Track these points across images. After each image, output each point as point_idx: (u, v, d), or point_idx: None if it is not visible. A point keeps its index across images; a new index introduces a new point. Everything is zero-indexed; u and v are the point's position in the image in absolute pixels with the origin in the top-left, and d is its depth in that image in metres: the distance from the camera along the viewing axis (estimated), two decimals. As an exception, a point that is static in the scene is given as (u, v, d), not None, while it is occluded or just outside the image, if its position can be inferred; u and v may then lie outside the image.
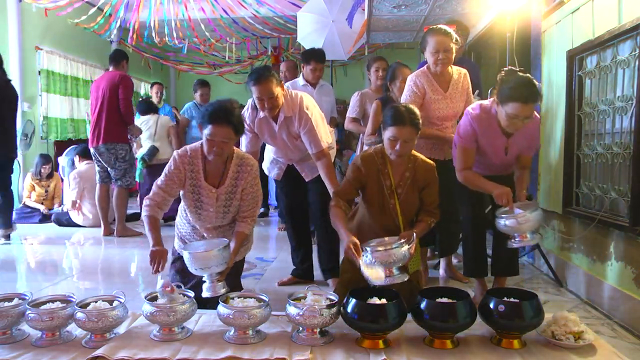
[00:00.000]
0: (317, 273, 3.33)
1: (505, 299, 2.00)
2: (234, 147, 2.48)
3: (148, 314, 2.02)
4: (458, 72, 3.10)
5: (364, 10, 5.22)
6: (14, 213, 5.83)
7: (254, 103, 2.91)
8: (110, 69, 5.14)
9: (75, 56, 8.15)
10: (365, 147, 3.48)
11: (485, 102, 2.67)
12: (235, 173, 2.44)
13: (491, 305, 1.97)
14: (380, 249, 2.20)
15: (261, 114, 2.92)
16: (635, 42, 2.53)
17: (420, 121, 2.44)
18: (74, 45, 8.12)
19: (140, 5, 7.25)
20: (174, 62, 9.80)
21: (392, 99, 3.63)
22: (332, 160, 3.10)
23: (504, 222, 2.46)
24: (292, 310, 1.99)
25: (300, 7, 6.28)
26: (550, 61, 3.52)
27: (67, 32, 7.81)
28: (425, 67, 3.08)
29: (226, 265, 2.27)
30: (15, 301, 2.08)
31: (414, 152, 2.55)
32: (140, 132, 5.45)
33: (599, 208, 2.85)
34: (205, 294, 2.22)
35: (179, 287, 2.19)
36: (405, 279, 2.21)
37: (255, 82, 2.78)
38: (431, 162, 2.57)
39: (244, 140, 3.11)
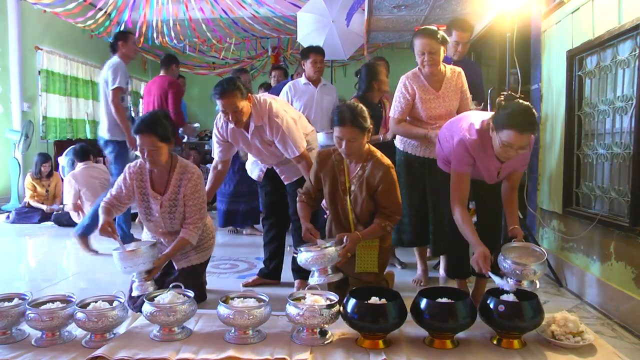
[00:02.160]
0: (284, 275, 3.28)
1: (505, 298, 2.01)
2: (179, 158, 2.71)
3: (148, 314, 2.02)
4: (452, 71, 3.08)
5: (364, 10, 5.21)
6: (13, 213, 5.84)
7: None
8: (161, 72, 5.25)
9: (75, 56, 8.16)
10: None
11: (478, 125, 2.49)
12: (177, 181, 2.64)
13: (491, 305, 1.97)
14: (312, 249, 2.35)
15: (231, 124, 2.92)
16: (635, 42, 2.53)
17: (368, 122, 2.49)
18: (73, 45, 8.12)
19: (146, 6, 7.26)
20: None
21: (368, 98, 3.61)
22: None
23: (509, 266, 2.24)
24: (292, 310, 1.99)
25: (300, 7, 6.28)
26: (550, 61, 3.52)
27: (67, 32, 7.81)
28: (418, 67, 3.08)
29: (152, 265, 2.42)
30: (15, 301, 2.08)
31: (373, 150, 2.61)
32: (194, 131, 5.47)
33: (599, 208, 2.85)
34: (135, 292, 2.35)
35: (178, 287, 2.20)
36: (338, 279, 2.38)
37: (219, 96, 2.77)
38: (388, 162, 2.58)
39: (215, 148, 3.10)
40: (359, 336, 1.99)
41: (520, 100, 2.39)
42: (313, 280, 2.35)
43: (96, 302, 2.09)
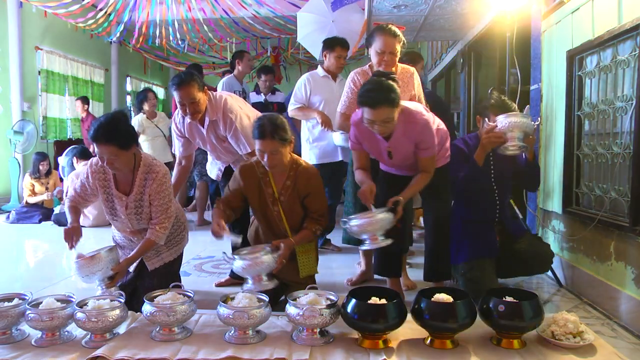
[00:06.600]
0: None
1: (505, 298, 2.01)
2: (143, 156, 2.55)
3: (148, 314, 2.02)
4: (403, 71, 2.98)
5: (363, 10, 5.21)
6: (13, 213, 5.84)
7: None
8: None
9: (75, 56, 8.16)
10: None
11: None
12: (142, 181, 2.51)
13: (491, 305, 1.97)
14: (247, 257, 2.32)
15: (188, 119, 2.92)
16: (635, 42, 2.53)
17: (289, 134, 2.45)
18: (73, 45, 8.13)
19: (147, 7, 7.28)
20: (174, 63, 9.82)
21: None
22: None
23: (353, 222, 2.38)
24: (292, 310, 1.99)
25: (300, 7, 6.28)
26: (550, 61, 3.52)
27: (66, 32, 7.81)
28: (368, 65, 3.05)
29: (112, 272, 2.36)
30: (15, 301, 2.08)
31: (297, 159, 2.62)
32: None
33: (599, 208, 2.85)
34: None
35: (178, 286, 2.20)
36: (273, 286, 2.33)
37: (176, 87, 2.77)
38: (313, 169, 2.62)
39: (176, 144, 3.11)
40: (359, 336, 1.99)
41: (377, 77, 2.47)
42: (247, 287, 2.33)
43: (96, 302, 2.08)
